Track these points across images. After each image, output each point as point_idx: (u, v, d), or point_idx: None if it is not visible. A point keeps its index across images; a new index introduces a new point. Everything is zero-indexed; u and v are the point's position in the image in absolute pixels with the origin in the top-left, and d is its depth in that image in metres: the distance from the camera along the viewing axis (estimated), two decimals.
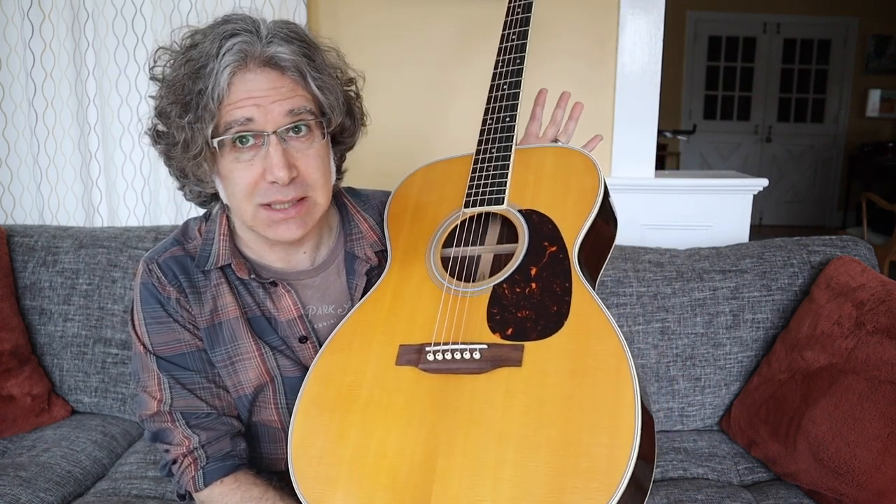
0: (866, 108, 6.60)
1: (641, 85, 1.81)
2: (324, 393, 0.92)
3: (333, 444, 0.86)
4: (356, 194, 1.15)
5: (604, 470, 0.74)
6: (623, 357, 0.81)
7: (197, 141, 0.89)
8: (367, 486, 0.82)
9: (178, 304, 1.00)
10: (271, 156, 0.89)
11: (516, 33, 1.13)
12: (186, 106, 0.89)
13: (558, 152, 1.07)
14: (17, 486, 1.30)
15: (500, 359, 0.86)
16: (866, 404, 1.19)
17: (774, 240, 1.63)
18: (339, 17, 1.80)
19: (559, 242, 0.96)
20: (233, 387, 1.02)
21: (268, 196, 0.92)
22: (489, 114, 1.09)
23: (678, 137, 6.06)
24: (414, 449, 0.82)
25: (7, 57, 1.74)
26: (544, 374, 0.83)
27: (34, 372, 1.58)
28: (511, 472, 0.77)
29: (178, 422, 0.99)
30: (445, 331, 0.91)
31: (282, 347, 1.02)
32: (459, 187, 1.07)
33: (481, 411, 0.83)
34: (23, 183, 1.81)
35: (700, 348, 1.54)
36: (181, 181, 0.99)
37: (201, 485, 0.97)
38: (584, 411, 0.79)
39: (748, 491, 1.34)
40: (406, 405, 0.86)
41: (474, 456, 0.79)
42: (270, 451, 1.06)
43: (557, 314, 0.88)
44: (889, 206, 4.02)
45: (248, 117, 0.88)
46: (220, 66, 0.87)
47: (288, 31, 0.93)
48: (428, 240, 1.04)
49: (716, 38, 6.56)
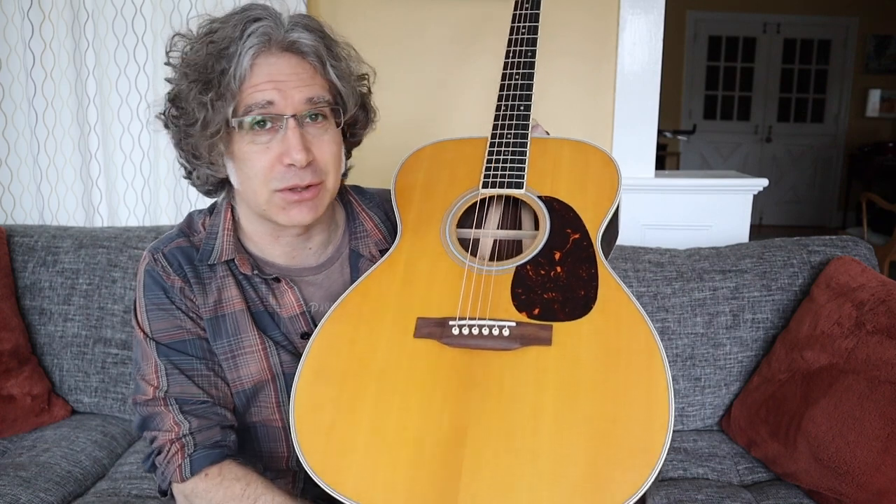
0: (866, 108, 6.59)
1: (641, 85, 1.81)
2: (330, 363, 0.89)
3: (347, 415, 0.83)
4: (361, 192, 1.15)
5: (642, 448, 0.75)
6: (653, 341, 0.83)
7: (216, 119, 0.89)
8: (389, 460, 0.78)
9: (181, 293, 1.00)
10: (290, 139, 0.90)
11: (527, 19, 1.16)
12: (208, 84, 0.89)
13: (575, 145, 1.09)
14: (17, 486, 1.30)
15: (529, 337, 0.86)
16: (866, 404, 1.19)
17: (774, 240, 1.63)
18: (338, 16, 1.80)
19: (582, 230, 0.98)
20: (232, 381, 1.02)
21: (284, 180, 0.92)
22: (503, 100, 1.11)
23: (678, 137, 6.06)
24: (440, 421, 0.80)
25: (7, 57, 1.74)
26: (576, 354, 0.84)
27: (34, 372, 1.58)
28: (548, 449, 0.76)
29: (172, 407, 0.97)
30: (471, 306, 0.91)
31: (284, 343, 1.02)
32: (472, 168, 1.08)
33: (513, 387, 0.82)
34: (23, 183, 1.81)
35: (700, 348, 1.53)
36: (192, 164, 0.98)
37: (188, 473, 0.95)
38: (619, 391, 0.80)
39: (748, 491, 1.34)
40: (428, 377, 0.84)
41: (508, 431, 0.78)
42: (271, 450, 1.05)
43: (585, 298, 0.89)
44: (889, 206, 4.02)
45: (268, 100, 0.89)
46: (244, 48, 0.88)
47: (308, 21, 0.95)
48: (441, 217, 1.04)
49: (716, 38, 6.56)
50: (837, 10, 6.39)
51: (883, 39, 6.43)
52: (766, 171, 6.60)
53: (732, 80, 6.69)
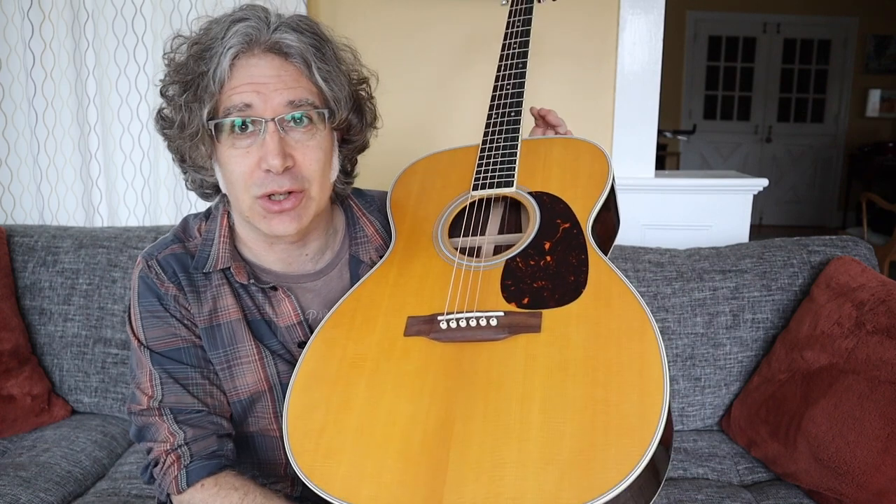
0: (866, 108, 6.59)
1: (641, 85, 1.81)
2: (323, 367, 0.89)
3: (336, 416, 0.83)
4: (361, 195, 1.13)
5: (636, 427, 0.73)
6: (646, 319, 0.82)
7: (193, 121, 0.89)
8: (377, 455, 0.78)
9: (175, 301, 0.98)
10: (267, 143, 0.88)
11: (519, 24, 1.17)
12: (186, 85, 0.88)
13: (565, 142, 1.10)
14: (17, 486, 1.30)
15: (518, 325, 0.85)
16: (866, 404, 1.19)
17: (774, 240, 1.63)
18: (338, 17, 1.80)
19: (572, 219, 0.98)
20: (228, 391, 1.00)
21: (263, 186, 0.90)
22: (494, 109, 1.12)
23: (678, 137, 6.06)
24: (428, 415, 0.80)
25: (7, 57, 1.74)
26: (566, 338, 0.83)
27: (34, 372, 1.58)
28: (537, 433, 0.75)
29: (166, 417, 0.96)
30: (459, 301, 0.90)
31: (281, 352, 1.01)
32: (464, 173, 1.09)
33: (500, 376, 0.81)
34: (23, 183, 1.81)
35: (700, 348, 1.54)
36: (181, 167, 0.98)
37: (184, 485, 0.93)
38: (610, 371, 0.78)
39: (748, 491, 1.34)
40: (417, 373, 0.84)
41: (496, 419, 0.77)
42: (269, 459, 1.04)
43: (575, 283, 0.89)
44: (889, 206, 4.02)
45: (246, 103, 0.88)
46: (224, 48, 0.87)
47: (299, 22, 0.92)
48: (433, 221, 1.05)
49: (716, 38, 6.56)
50: (837, 10, 6.39)
51: (883, 39, 6.43)
52: (766, 171, 6.60)
53: (732, 80, 6.69)
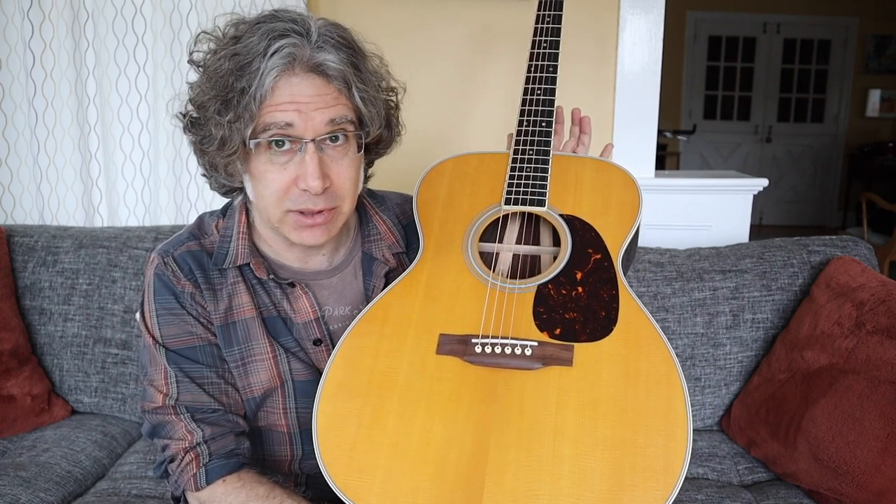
0: (866, 108, 6.59)
1: (641, 85, 1.81)
2: (353, 377, 0.89)
3: (369, 431, 0.83)
4: (374, 195, 1.14)
5: (661, 470, 0.78)
6: (672, 365, 0.85)
7: (234, 140, 0.88)
8: (411, 475, 0.79)
9: (192, 299, 0.98)
10: (307, 164, 0.88)
11: (548, 35, 1.15)
12: (227, 104, 0.86)
13: (597, 164, 1.10)
14: (17, 486, 1.30)
15: (550, 357, 0.87)
16: (866, 404, 1.19)
17: (774, 240, 1.63)
18: (338, 17, 1.79)
19: (603, 251, 0.99)
20: (242, 388, 1.01)
21: (298, 203, 0.91)
22: (525, 115, 1.11)
23: (678, 137, 6.06)
24: (462, 439, 0.81)
25: (7, 57, 1.74)
26: (597, 375, 0.85)
27: (34, 372, 1.58)
28: (569, 468, 0.78)
29: (183, 415, 0.96)
30: (494, 324, 0.91)
31: (295, 349, 1.01)
32: (494, 183, 1.09)
33: (534, 408, 0.83)
34: (23, 183, 1.81)
35: (700, 348, 1.53)
36: (210, 173, 0.98)
37: (203, 483, 0.94)
38: (638, 413, 0.82)
39: (748, 491, 1.34)
40: (452, 395, 0.85)
41: (529, 450, 0.80)
42: (275, 454, 1.05)
43: (606, 319, 0.91)
44: (889, 206, 4.02)
45: (288, 122, 0.87)
46: (267, 68, 0.85)
47: (339, 36, 0.91)
48: (463, 231, 1.04)
49: (716, 38, 6.56)
50: (837, 10, 6.39)
51: (883, 39, 6.43)
52: (766, 171, 6.60)
53: (732, 80, 6.69)
